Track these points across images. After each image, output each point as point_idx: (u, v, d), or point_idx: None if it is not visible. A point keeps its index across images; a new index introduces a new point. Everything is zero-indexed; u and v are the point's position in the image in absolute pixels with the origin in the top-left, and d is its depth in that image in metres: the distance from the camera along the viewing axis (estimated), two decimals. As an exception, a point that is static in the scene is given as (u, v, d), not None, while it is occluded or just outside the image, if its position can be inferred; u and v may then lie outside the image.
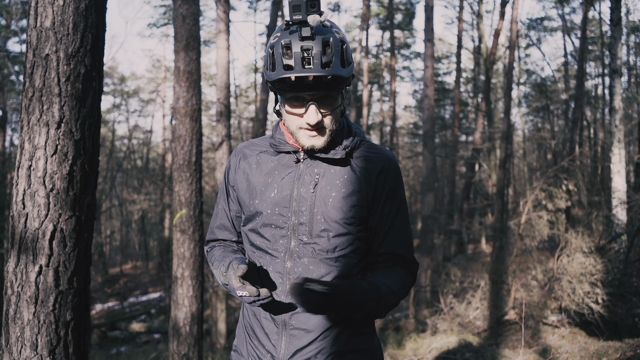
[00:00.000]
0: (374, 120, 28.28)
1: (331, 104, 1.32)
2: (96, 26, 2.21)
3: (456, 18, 20.70)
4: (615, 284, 7.00)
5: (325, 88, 1.26)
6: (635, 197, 8.21)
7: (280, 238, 1.38)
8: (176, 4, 5.05)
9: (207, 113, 26.59)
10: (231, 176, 1.51)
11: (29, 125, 2.09)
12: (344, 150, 1.40)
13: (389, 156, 1.46)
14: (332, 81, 1.26)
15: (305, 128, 1.32)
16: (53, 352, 2.06)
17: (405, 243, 1.47)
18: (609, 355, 4.47)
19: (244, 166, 1.47)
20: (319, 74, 1.21)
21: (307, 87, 1.25)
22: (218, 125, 9.23)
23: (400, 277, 1.42)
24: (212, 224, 1.60)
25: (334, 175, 1.39)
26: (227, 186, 1.53)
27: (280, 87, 1.27)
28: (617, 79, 8.81)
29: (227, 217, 1.55)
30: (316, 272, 1.35)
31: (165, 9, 22.68)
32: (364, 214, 1.40)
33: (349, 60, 1.30)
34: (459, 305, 8.97)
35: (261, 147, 1.49)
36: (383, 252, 1.46)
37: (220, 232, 1.58)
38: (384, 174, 1.43)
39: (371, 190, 1.41)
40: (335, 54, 1.25)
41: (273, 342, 1.37)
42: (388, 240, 1.45)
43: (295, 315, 1.36)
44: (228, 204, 1.55)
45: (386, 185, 1.43)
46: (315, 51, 1.22)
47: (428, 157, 11.65)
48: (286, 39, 1.25)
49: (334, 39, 1.26)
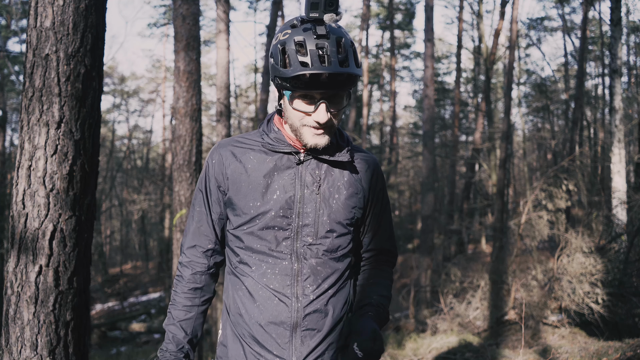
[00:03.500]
0: (374, 120, 28.27)
1: (339, 103, 1.32)
2: (96, 26, 2.21)
3: (456, 18, 20.71)
4: (615, 284, 7.00)
5: (339, 87, 1.27)
6: (635, 197, 8.21)
7: (283, 240, 1.37)
8: (176, 4, 5.05)
9: (207, 113, 26.60)
10: (217, 176, 1.43)
11: (29, 125, 2.09)
12: (348, 152, 1.42)
13: (375, 158, 1.54)
14: (345, 80, 1.26)
15: (312, 126, 1.31)
16: (53, 352, 2.06)
17: (391, 238, 1.58)
18: (609, 355, 4.47)
19: (236, 166, 1.41)
20: (337, 72, 1.21)
21: (321, 85, 1.25)
22: (218, 125, 9.24)
23: (389, 279, 1.55)
24: (189, 229, 1.51)
25: (335, 177, 1.41)
26: (210, 186, 1.45)
27: (294, 85, 1.26)
28: (617, 79, 8.81)
29: (207, 221, 1.47)
30: (323, 272, 1.38)
31: (165, 9, 22.70)
32: (360, 215, 1.46)
33: (359, 61, 1.31)
34: (459, 305, 8.97)
35: (251, 145, 1.43)
36: (374, 248, 1.55)
37: (198, 238, 1.49)
38: (376, 176, 1.50)
39: (367, 191, 1.47)
40: (349, 53, 1.25)
41: (283, 346, 1.35)
42: (378, 238, 1.54)
43: (307, 317, 1.36)
44: (209, 207, 1.46)
45: (377, 187, 1.50)
46: (331, 50, 1.22)
47: (428, 157, 11.65)
48: (299, 36, 1.24)
49: (346, 39, 1.27)
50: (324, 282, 1.38)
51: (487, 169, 14.75)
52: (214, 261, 1.51)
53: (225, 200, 1.44)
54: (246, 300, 1.40)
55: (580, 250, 7.56)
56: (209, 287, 1.51)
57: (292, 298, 1.36)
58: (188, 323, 1.47)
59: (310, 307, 1.36)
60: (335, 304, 1.40)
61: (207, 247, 1.49)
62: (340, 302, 1.42)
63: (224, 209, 1.46)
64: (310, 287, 1.37)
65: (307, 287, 1.37)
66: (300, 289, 1.36)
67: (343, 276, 1.43)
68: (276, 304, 1.36)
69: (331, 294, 1.39)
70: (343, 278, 1.43)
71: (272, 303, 1.36)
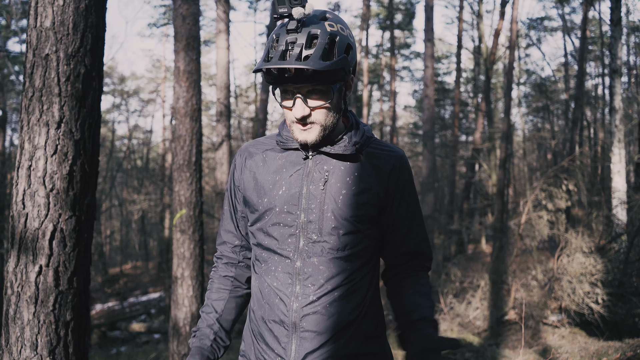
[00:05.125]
0: (374, 120, 28.26)
1: (319, 98, 1.28)
2: (96, 26, 2.21)
3: (456, 18, 20.71)
4: (615, 284, 7.01)
5: (307, 81, 1.23)
6: (635, 197, 8.21)
7: (288, 237, 1.34)
8: (176, 4, 5.05)
9: (207, 113, 26.59)
10: (237, 176, 1.47)
11: (29, 125, 2.09)
12: (354, 146, 1.36)
13: (399, 153, 1.43)
14: (313, 74, 1.23)
15: (296, 122, 1.31)
16: (53, 352, 2.06)
17: (425, 240, 1.48)
18: (609, 355, 4.47)
19: (250, 165, 1.44)
20: (293, 67, 1.19)
21: (289, 80, 1.24)
22: (218, 125, 9.24)
23: (429, 287, 1.48)
24: (220, 226, 1.59)
25: (344, 173, 1.36)
26: (233, 187, 1.50)
27: (268, 80, 1.28)
28: (617, 79, 8.82)
29: (232, 219, 1.53)
30: (327, 272, 1.32)
31: (165, 9, 22.68)
32: (374, 212, 1.37)
33: (334, 55, 1.24)
34: (459, 305, 8.98)
35: (267, 145, 1.46)
36: (406, 251, 1.45)
37: (226, 235, 1.56)
38: (396, 172, 1.40)
39: (383, 188, 1.38)
40: (319, 47, 1.21)
41: (283, 345, 1.33)
42: (410, 239, 1.45)
43: (306, 317, 1.31)
44: (234, 206, 1.52)
45: (399, 183, 1.41)
46: (297, 43, 1.21)
47: (428, 157, 11.65)
48: (277, 31, 1.25)
49: (323, 31, 1.23)
50: (327, 283, 1.32)
51: (487, 169, 14.75)
52: (243, 256, 1.55)
53: (242, 199, 1.47)
54: (256, 297, 1.42)
55: (580, 250, 7.56)
56: (242, 277, 1.56)
57: (292, 297, 1.33)
58: (219, 303, 1.52)
59: (309, 308, 1.31)
60: (342, 307, 1.32)
61: (235, 244, 1.55)
62: (349, 306, 1.33)
63: (244, 207, 1.49)
64: (312, 287, 1.32)
65: (308, 286, 1.32)
66: (300, 289, 1.32)
67: (354, 278, 1.35)
68: (277, 303, 1.34)
69: (337, 296, 1.32)
70: (354, 280, 1.35)
71: (274, 301, 1.35)
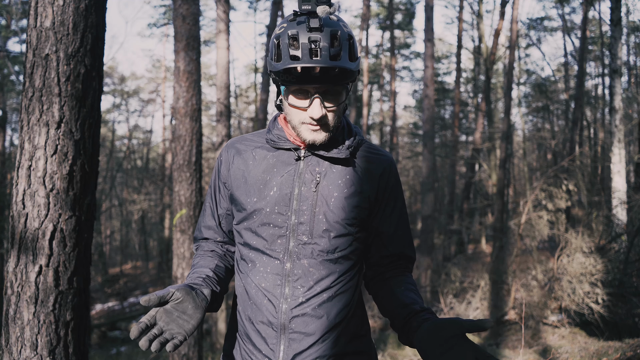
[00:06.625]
0: (374, 120, 28.26)
1: (336, 98, 1.28)
2: (96, 26, 2.21)
3: (456, 18, 20.72)
4: (615, 284, 7.01)
5: (332, 81, 1.23)
6: (635, 197, 8.21)
7: (278, 238, 1.34)
8: (176, 4, 5.05)
9: (207, 113, 26.60)
10: (223, 172, 1.45)
11: (29, 125, 2.09)
12: (348, 149, 1.36)
13: (389, 157, 1.45)
14: (339, 74, 1.22)
15: (308, 122, 1.29)
16: (53, 352, 2.06)
17: (410, 243, 1.49)
18: (609, 355, 4.47)
19: (238, 162, 1.42)
20: (327, 66, 1.18)
21: (313, 80, 1.22)
22: (218, 125, 9.24)
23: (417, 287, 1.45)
24: (200, 222, 1.57)
25: (336, 175, 1.36)
26: (218, 182, 1.48)
27: (285, 79, 1.24)
28: (617, 79, 8.82)
29: (214, 216, 1.52)
30: (316, 274, 1.32)
31: (165, 9, 22.69)
32: (364, 215, 1.38)
33: (356, 55, 1.26)
34: (459, 305, 8.98)
35: (256, 143, 1.44)
36: (391, 253, 1.45)
37: (207, 231, 1.55)
38: (386, 175, 1.42)
39: (373, 191, 1.39)
40: (344, 47, 1.21)
41: (271, 346, 1.32)
42: (396, 242, 1.45)
43: (295, 319, 1.31)
44: (216, 202, 1.50)
45: (388, 187, 1.42)
46: (323, 43, 1.18)
47: (428, 157, 11.65)
48: (293, 29, 1.22)
49: (342, 32, 1.23)
50: (316, 285, 1.32)
51: (487, 169, 14.75)
52: (226, 249, 1.55)
53: (229, 196, 1.46)
54: (242, 297, 1.40)
55: (580, 250, 7.57)
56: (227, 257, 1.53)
57: (280, 299, 1.32)
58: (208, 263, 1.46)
59: (298, 310, 1.31)
60: (331, 308, 1.33)
61: (216, 240, 1.54)
62: (337, 307, 1.34)
63: (230, 205, 1.47)
64: (301, 288, 1.31)
65: (297, 288, 1.31)
66: (289, 290, 1.32)
67: (342, 280, 1.36)
68: (266, 304, 1.33)
69: (325, 298, 1.32)
70: (342, 282, 1.36)
71: (262, 302, 1.34)
